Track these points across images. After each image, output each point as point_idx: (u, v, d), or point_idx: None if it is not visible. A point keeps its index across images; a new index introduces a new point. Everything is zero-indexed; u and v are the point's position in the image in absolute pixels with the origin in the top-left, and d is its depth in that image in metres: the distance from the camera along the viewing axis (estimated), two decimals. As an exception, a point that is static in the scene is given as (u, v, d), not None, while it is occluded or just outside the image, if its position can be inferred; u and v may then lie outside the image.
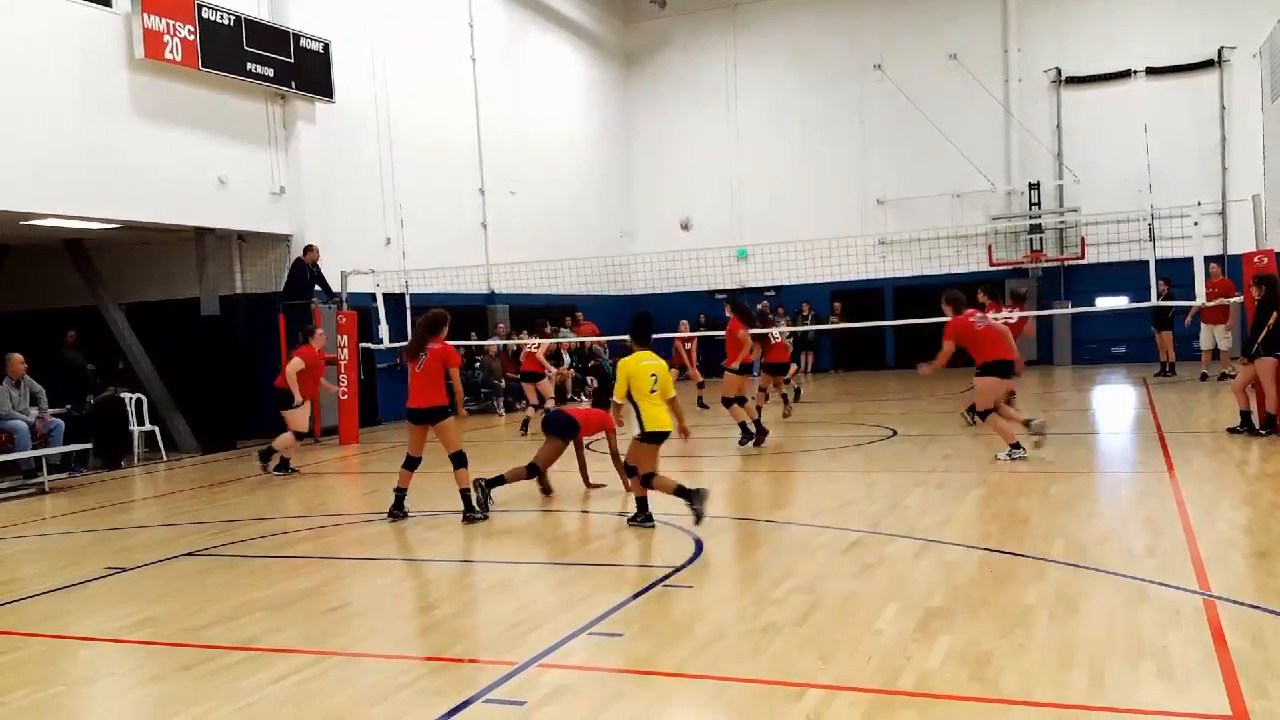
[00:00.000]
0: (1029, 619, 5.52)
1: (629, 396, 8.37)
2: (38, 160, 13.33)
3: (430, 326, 9.39)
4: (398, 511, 9.50)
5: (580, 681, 4.96)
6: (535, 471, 9.78)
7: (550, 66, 26.00)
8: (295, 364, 13.13)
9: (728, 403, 13.21)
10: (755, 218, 27.55)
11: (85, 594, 7.39)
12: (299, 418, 13.04)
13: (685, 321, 19.71)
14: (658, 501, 9.32)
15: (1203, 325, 18.80)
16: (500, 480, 9.60)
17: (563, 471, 10.73)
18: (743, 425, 13.20)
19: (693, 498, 8.18)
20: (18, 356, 13.35)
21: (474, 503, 9.23)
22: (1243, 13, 23.29)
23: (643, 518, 8.43)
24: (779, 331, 15.10)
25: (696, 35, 29.11)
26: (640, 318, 8.74)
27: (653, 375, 8.28)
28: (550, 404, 16.25)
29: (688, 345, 19.83)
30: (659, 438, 8.37)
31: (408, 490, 9.58)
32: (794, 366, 16.38)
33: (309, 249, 16.86)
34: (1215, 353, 19.08)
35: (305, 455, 15.36)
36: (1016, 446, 10.97)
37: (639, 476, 8.37)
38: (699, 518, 8.14)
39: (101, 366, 17.20)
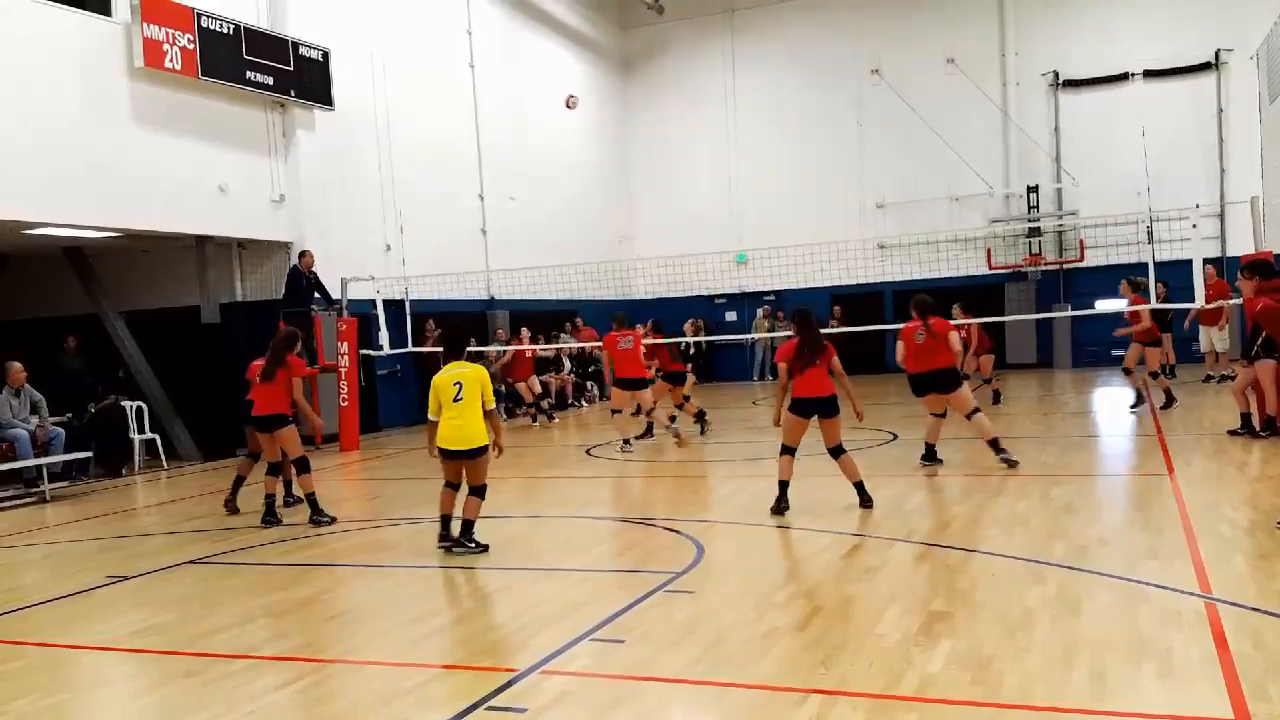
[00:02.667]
0: (1030, 622, 5.53)
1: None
2: (38, 169, 13.34)
3: (289, 343, 10.24)
4: (271, 518, 9.88)
5: (582, 688, 4.97)
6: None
7: (549, 72, 26.03)
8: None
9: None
10: (754, 222, 27.54)
11: (87, 602, 7.39)
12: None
13: (640, 326, 19.29)
14: (664, 506, 9.36)
15: (1200, 327, 18.81)
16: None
17: (565, 475, 10.74)
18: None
19: (455, 538, 8.05)
20: (17, 365, 13.35)
21: (319, 507, 9.84)
22: (1240, 15, 23.31)
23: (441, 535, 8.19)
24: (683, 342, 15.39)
25: (694, 40, 29.13)
26: (450, 330, 8.61)
27: (456, 384, 7.86)
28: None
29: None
30: (445, 454, 7.98)
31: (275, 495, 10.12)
32: (691, 379, 16.39)
33: (303, 255, 16.87)
34: (1217, 354, 19.09)
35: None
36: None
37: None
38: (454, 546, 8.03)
39: (102, 374, 17.20)
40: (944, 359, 10.83)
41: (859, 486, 9.09)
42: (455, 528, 8.10)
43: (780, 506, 8.96)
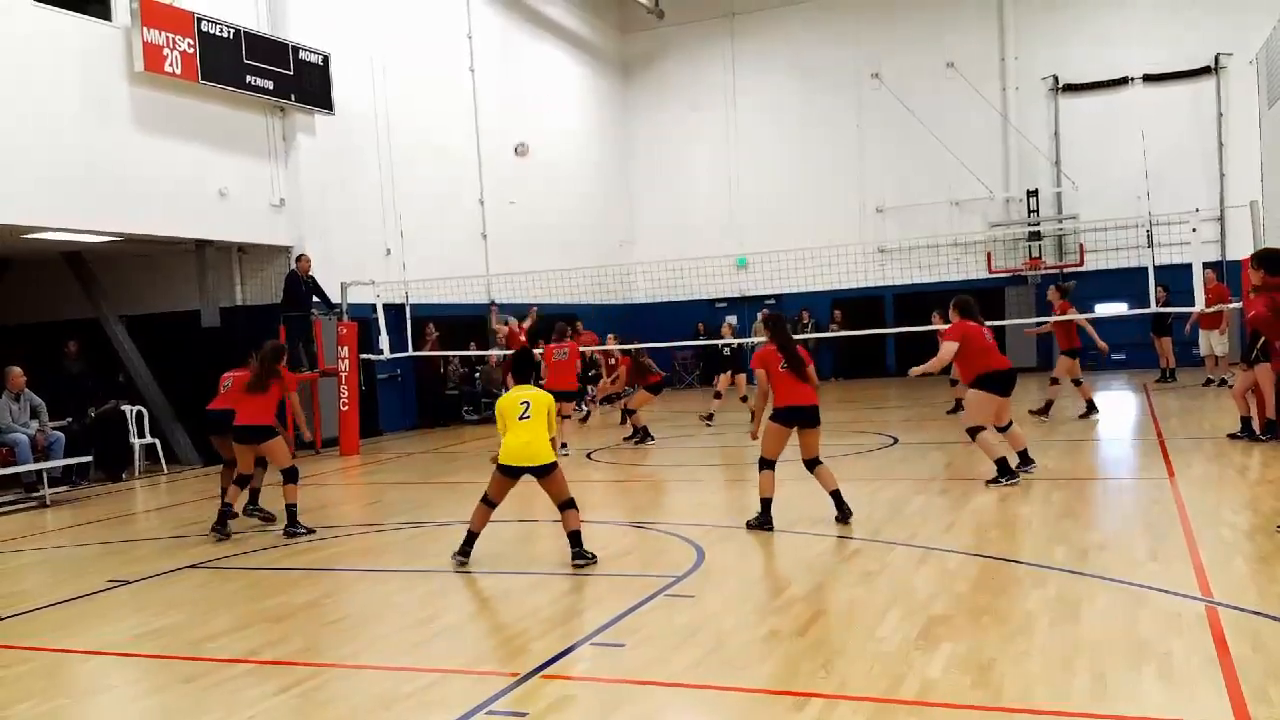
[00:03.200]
0: (1031, 626, 5.53)
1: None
2: (38, 173, 13.36)
3: (276, 356, 9.90)
4: (220, 528, 9.56)
5: (583, 692, 4.97)
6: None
7: (549, 76, 26.06)
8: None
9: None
10: (755, 226, 27.56)
11: (88, 607, 7.39)
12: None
13: (612, 335, 19.47)
14: (664, 510, 9.36)
15: (1200, 331, 18.81)
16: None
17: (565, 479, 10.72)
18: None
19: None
20: (16, 370, 13.36)
21: (296, 519, 9.58)
22: (1239, 19, 23.34)
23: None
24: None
25: (694, 44, 29.17)
26: (521, 354, 8.37)
27: (524, 403, 7.64)
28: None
29: (611, 360, 19.43)
30: (506, 471, 7.72)
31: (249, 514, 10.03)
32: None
33: (300, 259, 16.87)
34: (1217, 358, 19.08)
35: (307, 466, 15.35)
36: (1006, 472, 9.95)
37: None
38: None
39: (102, 379, 17.20)
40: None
41: (835, 495, 8.60)
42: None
43: (764, 523, 8.47)
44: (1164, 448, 11.81)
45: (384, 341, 17.62)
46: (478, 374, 21.28)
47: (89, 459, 14.11)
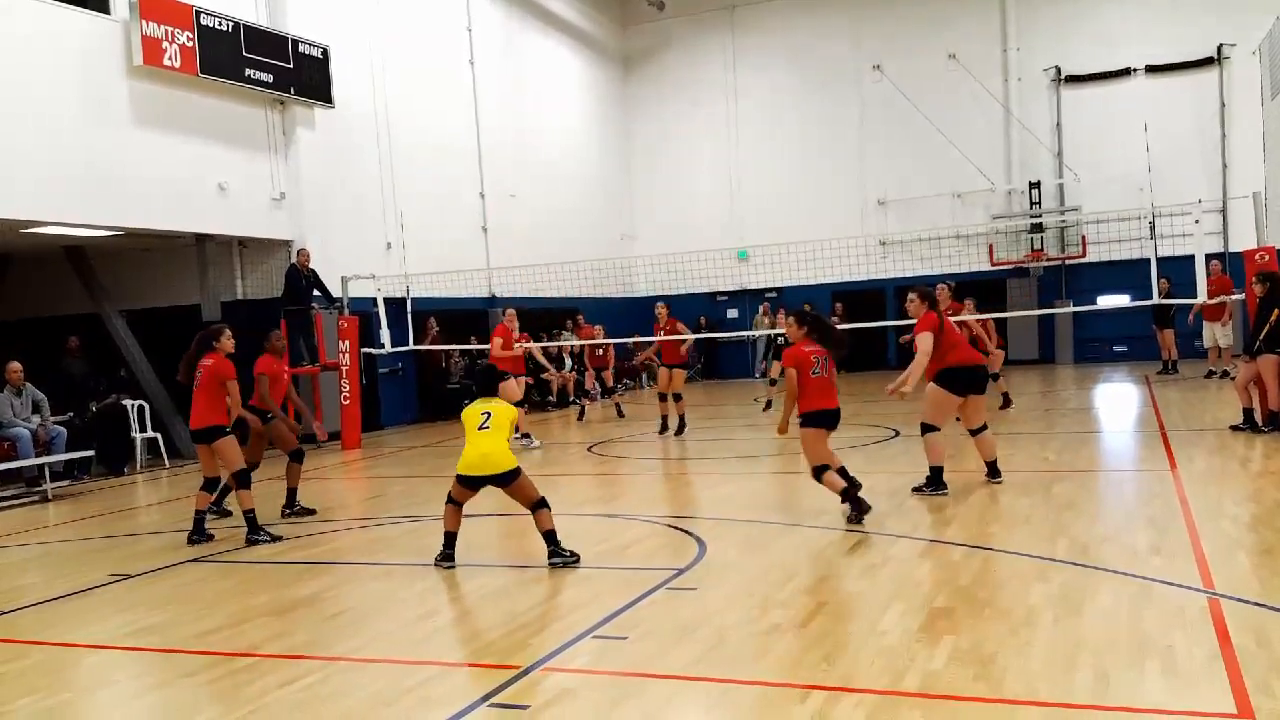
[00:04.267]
0: (1033, 619, 5.52)
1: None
2: (37, 169, 13.34)
3: (202, 343, 9.23)
4: (197, 536, 9.16)
5: (585, 685, 4.96)
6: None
7: (549, 69, 26.02)
8: (264, 380, 10.13)
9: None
10: (756, 219, 27.54)
11: (89, 601, 7.39)
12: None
13: (598, 327, 19.93)
14: (666, 503, 9.35)
15: (1204, 323, 18.78)
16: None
17: (566, 473, 10.73)
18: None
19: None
20: (15, 364, 13.36)
21: (257, 525, 9.08)
22: (1242, 10, 23.28)
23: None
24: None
25: (695, 37, 29.12)
26: (485, 371, 8.41)
27: (485, 414, 7.56)
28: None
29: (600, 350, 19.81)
30: (464, 481, 7.61)
31: (206, 512, 9.36)
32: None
33: (301, 253, 16.88)
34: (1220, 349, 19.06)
35: (307, 460, 15.34)
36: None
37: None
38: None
39: (103, 374, 17.20)
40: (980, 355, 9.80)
41: (845, 493, 8.40)
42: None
43: (859, 513, 8.23)
44: (1166, 440, 11.80)
45: (385, 335, 17.62)
46: (479, 368, 21.25)
47: (90, 453, 14.11)
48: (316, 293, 16.91)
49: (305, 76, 17.20)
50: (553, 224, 24.41)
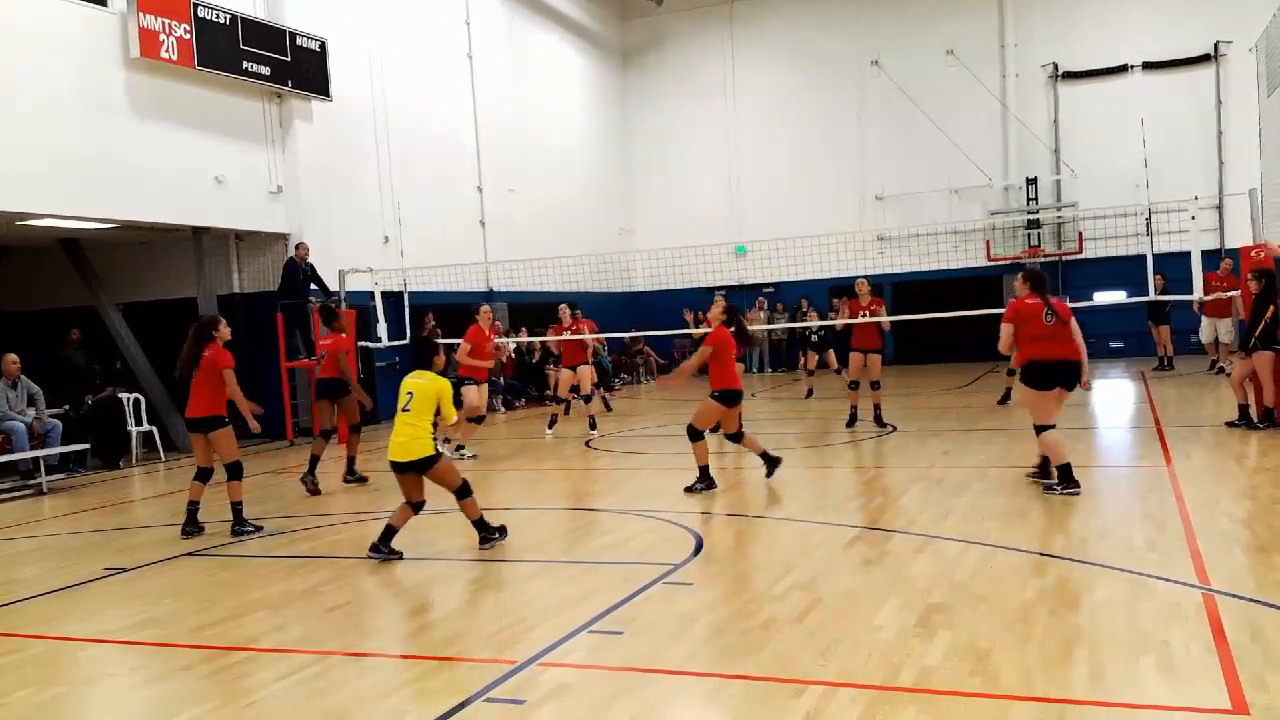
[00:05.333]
0: (1029, 614, 5.53)
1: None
2: (34, 160, 13.30)
3: (200, 334, 9.28)
4: (190, 527, 9.21)
5: (580, 680, 4.96)
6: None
7: (548, 63, 25.98)
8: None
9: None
10: (754, 214, 27.54)
11: (85, 595, 7.39)
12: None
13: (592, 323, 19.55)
14: (662, 498, 9.36)
15: (1204, 319, 18.71)
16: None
17: (563, 468, 10.72)
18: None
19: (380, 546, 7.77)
20: (11, 356, 13.34)
21: (242, 517, 9.24)
22: (1239, 6, 23.27)
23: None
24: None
25: (694, 31, 29.10)
26: (420, 339, 8.43)
27: (409, 394, 7.64)
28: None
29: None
30: (392, 467, 7.70)
31: (200, 503, 9.40)
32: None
33: (299, 246, 16.85)
34: (1216, 344, 19.00)
35: (303, 454, 15.34)
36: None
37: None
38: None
39: (100, 366, 17.19)
40: (1072, 349, 8.87)
41: (764, 455, 10.18)
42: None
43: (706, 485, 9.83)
44: (1162, 436, 11.81)
45: (382, 329, 17.59)
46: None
47: (86, 447, 14.09)
48: (314, 286, 16.89)
49: (303, 69, 17.16)
50: (551, 218, 24.38)
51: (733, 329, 10.13)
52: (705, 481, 9.94)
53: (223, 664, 5.53)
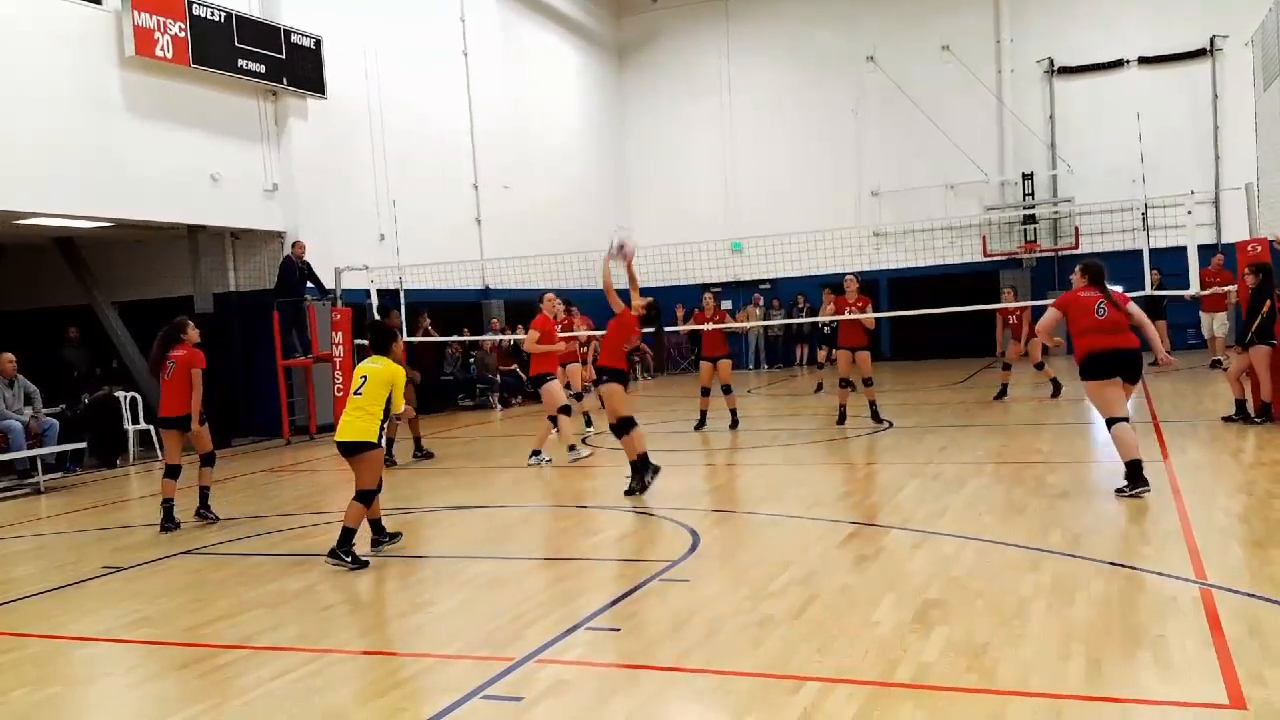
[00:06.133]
0: (1026, 609, 5.53)
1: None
2: (29, 159, 13.29)
3: (168, 337, 9.69)
4: (169, 524, 9.43)
5: (577, 677, 4.96)
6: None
7: (543, 60, 25.95)
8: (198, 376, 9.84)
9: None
10: (750, 210, 27.54)
11: (82, 593, 7.38)
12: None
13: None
14: (658, 495, 9.34)
15: (1201, 313, 18.70)
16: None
17: (559, 466, 10.71)
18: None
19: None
20: (7, 355, 13.32)
21: (208, 504, 9.83)
22: (1234, 1, 23.30)
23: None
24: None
25: (689, 27, 29.08)
26: (376, 326, 8.20)
27: (362, 377, 7.60)
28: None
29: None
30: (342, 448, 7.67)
31: (174, 500, 9.60)
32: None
33: (296, 245, 16.84)
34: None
35: (300, 452, 15.35)
36: None
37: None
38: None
39: (96, 365, 17.18)
40: (1130, 338, 8.54)
41: (639, 461, 9.59)
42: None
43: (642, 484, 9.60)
44: (1159, 431, 11.82)
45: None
46: (471, 359, 21.24)
47: (83, 446, 14.07)
48: (309, 284, 16.87)
49: (298, 67, 17.14)
50: (546, 215, 24.36)
51: (645, 323, 10.47)
52: (647, 472, 9.64)
53: (219, 662, 5.53)
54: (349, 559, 7.45)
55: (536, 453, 12.26)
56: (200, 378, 9.55)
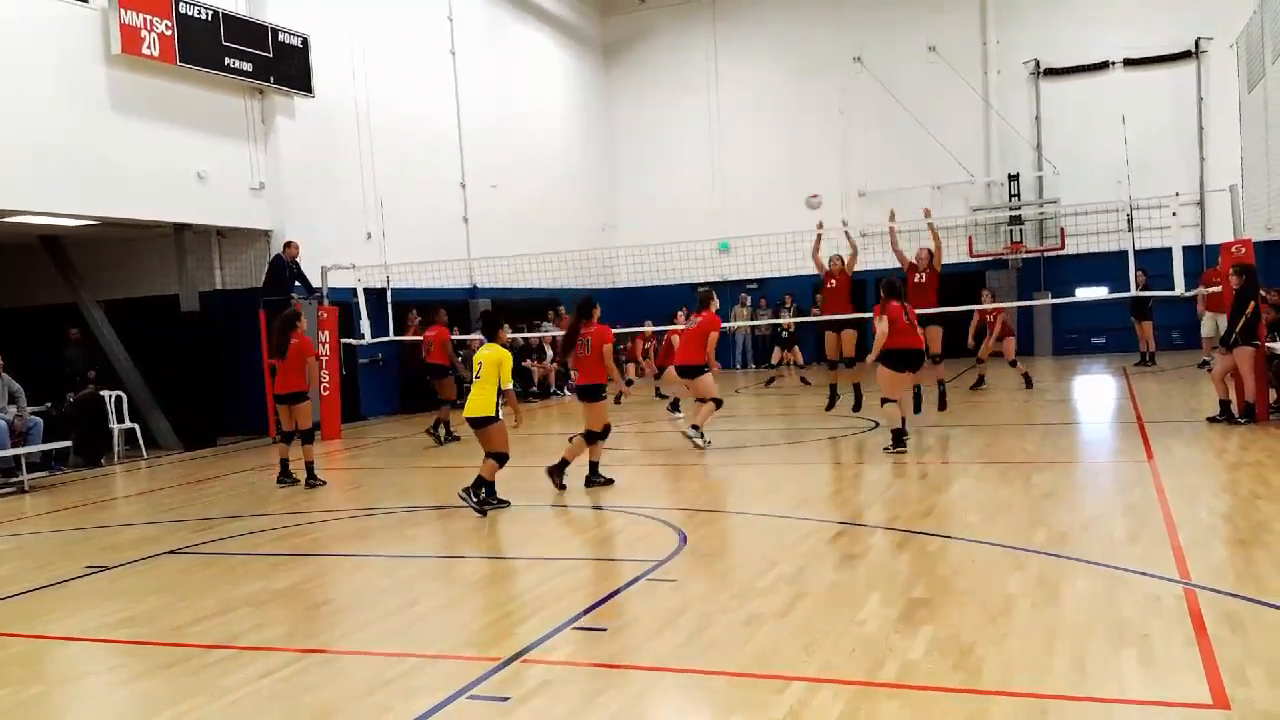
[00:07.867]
0: (1011, 608, 5.55)
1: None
2: (14, 157, 13.21)
3: (286, 325, 11.76)
4: (285, 479, 11.77)
5: (564, 676, 4.96)
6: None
7: (530, 59, 25.92)
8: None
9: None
10: (737, 210, 27.52)
11: (66, 593, 7.34)
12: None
13: (649, 321, 21.66)
14: (645, 494, 9.36)
15: (1205, 314, 18.70)
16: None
17: (544, 465, 10.68)
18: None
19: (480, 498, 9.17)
20: (-7, 354, 13.27)
21: (289, 471, 11.82)
22: (1219, 3, 23.41)
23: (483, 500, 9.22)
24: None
25: (676, 27, 29.07)
26: (484, 314, 9.79)
27: (479, 364, 9.11)
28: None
29: (646, 344, 21.91)
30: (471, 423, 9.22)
31: (289, 458, 11.84)
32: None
33: (288, 245, 16.79)
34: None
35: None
36: None
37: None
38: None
39: (93, 366, 17.09)
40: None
41: (593, 466, 10.37)
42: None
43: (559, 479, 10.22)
44: (1143, 431, 11.88)
45: (365, 326, 17.53)
46: (460, 357, 21.17)
47: (68, 444, 14.00)
48: (297, 283, 16.82)
49: (285, 66, 17.09)
50: (534, 214, 24.33)
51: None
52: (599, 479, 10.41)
53: (204, 662, 5.51)
54: (491, 501, 9.23)
55: (695, 427, 12.93)
56: (315, 363, 11.99)
